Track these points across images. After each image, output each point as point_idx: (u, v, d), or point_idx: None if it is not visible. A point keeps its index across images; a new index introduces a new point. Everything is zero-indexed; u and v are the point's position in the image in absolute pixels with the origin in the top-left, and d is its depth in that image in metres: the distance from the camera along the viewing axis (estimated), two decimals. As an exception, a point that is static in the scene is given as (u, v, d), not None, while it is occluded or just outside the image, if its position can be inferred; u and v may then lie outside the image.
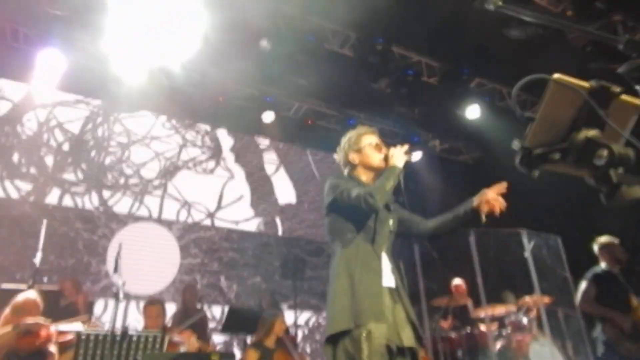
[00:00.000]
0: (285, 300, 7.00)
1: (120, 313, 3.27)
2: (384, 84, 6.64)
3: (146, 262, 6.52)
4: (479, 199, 2.17)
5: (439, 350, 5.88)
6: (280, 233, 7.98)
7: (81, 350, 3.04)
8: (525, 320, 5.65)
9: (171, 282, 6.73)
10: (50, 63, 5.75)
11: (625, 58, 1.09)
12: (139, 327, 4.51)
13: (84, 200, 6.64)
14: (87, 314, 4.95)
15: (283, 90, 7.11)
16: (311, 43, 5.92)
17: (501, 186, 2.19)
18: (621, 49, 1.11)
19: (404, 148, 2.29)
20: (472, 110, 6.91)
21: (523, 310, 5.74)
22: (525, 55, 4.99)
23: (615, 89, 1.07)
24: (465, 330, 5.85)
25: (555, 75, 1.07)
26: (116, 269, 3.28)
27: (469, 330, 5.82)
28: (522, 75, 1.13)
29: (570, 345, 5.62)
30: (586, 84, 1.07)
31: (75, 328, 3.62)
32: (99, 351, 3.07)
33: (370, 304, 2.01)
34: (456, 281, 6.28)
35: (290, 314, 6.61)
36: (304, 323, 7.39)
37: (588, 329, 4.32)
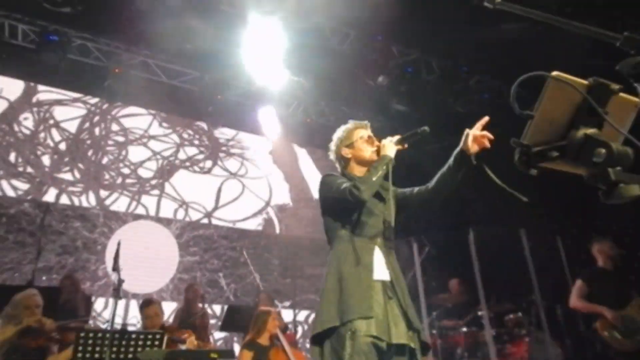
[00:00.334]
0: (284, 299, 7.00)
1: (119, 311, 3.27)
2: (383, 81, 6.61)
3: (145, 260, 6.51)
4: (464, 141, 2.10)
5: (437, 349, 5.89)
6: (279, 231, 7.98)
7: (80, 348, 3.05)
8: (524, 319, 5.66)
9: (170, 280, 6.73)
10: (49, 61, 5.74)
11: (624, 55, 1.08)
12: (139, 325, 4.50)
13: (81, 200, 6.63)
14: (86, 313, 4.96)
15: (282, 88, 7.10)
16: (310, 40, 5.91)
17: (482, 120, 2.12)
18: (620, 46, 1.10)
19: (395, 138, 2.25)
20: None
21: (522, 309, 5.75)
22: (524, 52, 4.97)
23: (614, 86, 1.07)
24: (464, 329, 5.86)
25: (554, 73, 1.06)
26: (115, 267, 3.27)
27: (467, 328, 5.83)
28: (521, 72, 1.12)
29: (568, 344, 5.63)
30: (585, 82, 1.07)
31: (76, 326, 3.62)
32: (98, 348, 3.07)
33: (359, 300, 1.95)
34: (455, 280, 6.30)
35: (290, 312, 6.61)
36: (303, 320, 7.40)
37: (586, 327, 4.34)
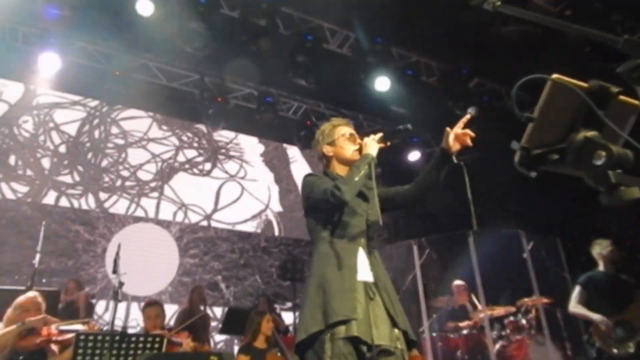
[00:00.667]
0: (284, 301, 6.99)
1: (119, 314, 3.27)
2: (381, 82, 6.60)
3: (145, 263, 6.50)
4: (445, 141, 2.13)
5: (438, 351, 5.88)
6: (279, 234, 7.97)
7: (80, 351, 3.04)
8: (524, 321, 5.65)
9: (170, 283, 6.72)
10: (47, 64, 5.74)
11: (624, 58, 1.09)
12: (139, 328, 4.50)
13: (80, 202, 6.62)
14: (88, 314, 4.96)
15: (282, 90, 7.11)
16: (310, 43, 5.92)
17: (464, 118, 2.16)
18: (620, 48, 1.11)
19: (377, 136, 2.20)
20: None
21: (522, 311, 5.74)
22: (524, 55, 4.98)
23: (614, 89, 1.07)
24: (464, 331, 5.85)
25: (554, 76, 1.06)
26: (115, 270, 3.27)
27: (468, 330, 5.82)
28: (521, 75, 1.12)
29: (568, 346, 5.62)
30: (585, 84, 1.07)
31: (76, 328, 3.62)
32: (97, 351, 3.07)
33: (341, 301, 1.90)
34: (457, 281, 6.28)
35: (289, 315, 6.60)
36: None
37: (586, 330, 4.34)
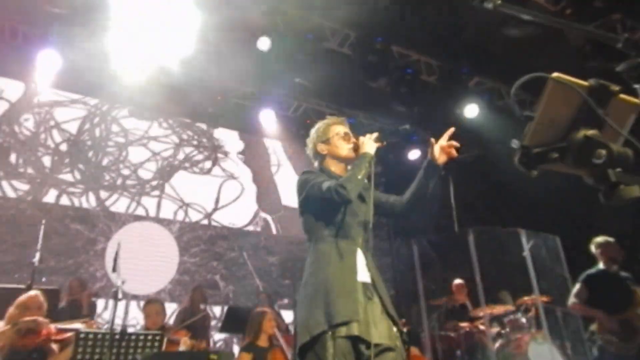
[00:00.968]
0: (284, 300, 6.98)
1: (119, 312, 3.27)
2: (383, 82, 6.63)
3: (145, 262, 6.51)
4: (431, 152, 2.20)
5: (437, 350, 5.89)
6: (279, 232, 7.97)
7: (80, 349, 3.04)
8: (523, 320, 5.66)
9: (169, 281, 6.72)
10: (48, 62, 5.74)
11: (624, 57, 1.09)
12: (138, 326, 4.51)
13: (81, 201, 6.62)
14: (90, 313, 4.98)
15: (282, 90, 7.10)
16: (310, 42, 5.91)
17: (449, 131, 2.23)
18: (620, 47, 1.11)
19: (374, 135, 2.22)
20: (471, 109, 6.92)
21: (522, 310, 5.75)
22: (524, 54, 4.99)
23: (614, 87, 1.07)
24: (464, 330, 5.85)
25: (554, 74, 1.06)
26: (115, 269, 3.27)
27: (467, 329, 5.83)
28: (521, 74, 1.12)
29: (568, 345, 5.63)
30: (585, 83, 1.07)
31: (76, 327, 3.62)
32: (97, 350, 3.07)
33: (345, 303, 1.91)
34: (457, 281, 6.28)
35: (290, 314, 6.60)
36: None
37: (586, 328, 4.34)
